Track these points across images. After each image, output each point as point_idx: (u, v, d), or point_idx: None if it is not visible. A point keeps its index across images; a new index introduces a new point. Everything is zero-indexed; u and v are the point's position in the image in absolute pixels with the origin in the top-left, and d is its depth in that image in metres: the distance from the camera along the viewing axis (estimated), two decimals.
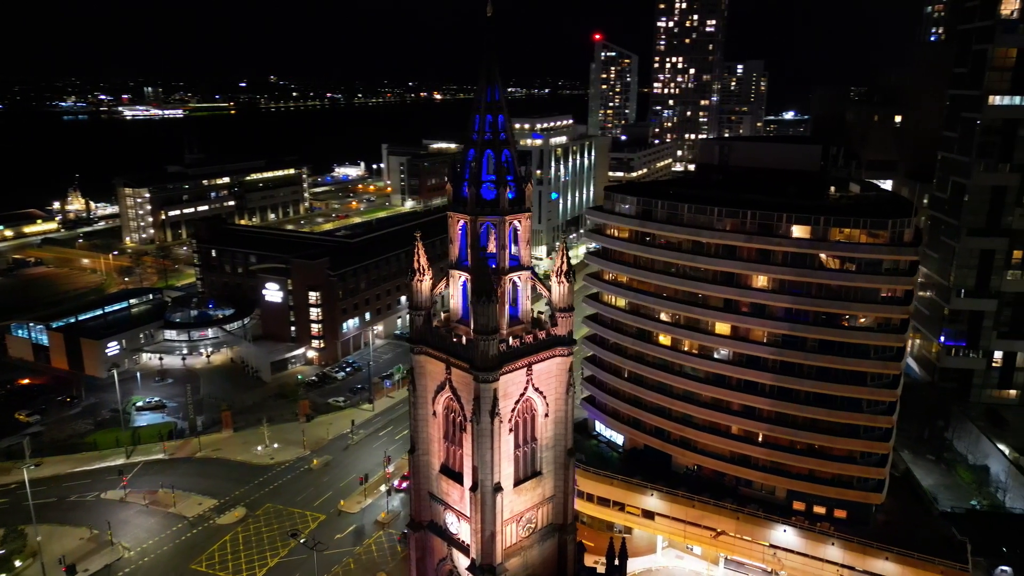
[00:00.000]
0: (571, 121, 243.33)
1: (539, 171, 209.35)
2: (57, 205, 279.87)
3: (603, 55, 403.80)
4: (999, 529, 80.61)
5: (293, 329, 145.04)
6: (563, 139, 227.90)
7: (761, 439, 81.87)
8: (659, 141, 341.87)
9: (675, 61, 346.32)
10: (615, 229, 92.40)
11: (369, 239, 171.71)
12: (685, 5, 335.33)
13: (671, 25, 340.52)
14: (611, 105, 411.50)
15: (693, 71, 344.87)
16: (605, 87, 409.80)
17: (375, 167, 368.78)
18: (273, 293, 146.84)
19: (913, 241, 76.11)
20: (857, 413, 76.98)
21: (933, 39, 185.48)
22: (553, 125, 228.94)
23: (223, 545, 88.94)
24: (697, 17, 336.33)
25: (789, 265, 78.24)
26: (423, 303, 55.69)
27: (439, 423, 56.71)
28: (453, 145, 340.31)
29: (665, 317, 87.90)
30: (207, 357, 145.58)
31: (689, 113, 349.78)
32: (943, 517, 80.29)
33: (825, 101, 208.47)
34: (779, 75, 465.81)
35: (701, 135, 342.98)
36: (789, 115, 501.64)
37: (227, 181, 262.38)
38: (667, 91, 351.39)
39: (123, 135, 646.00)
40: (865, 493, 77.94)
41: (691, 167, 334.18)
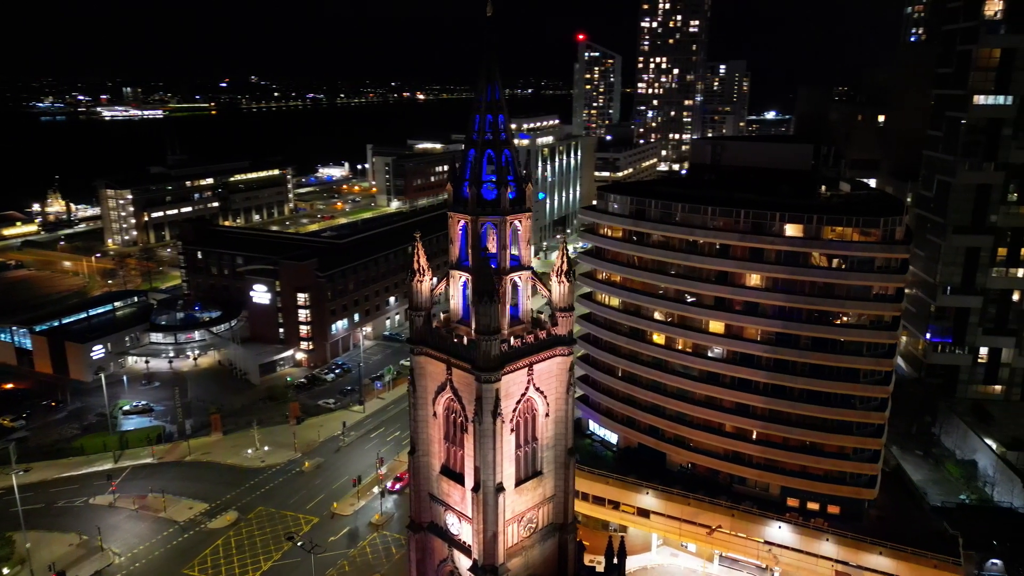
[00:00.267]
0: (557, 121, 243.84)
1: (525, 171, 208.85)
2: (37, 207, 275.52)
3: (587, 55, 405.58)
4: (988, 523, 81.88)
5: (281, 331, 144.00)
6: (549, 139, 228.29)
7: (755, 436, 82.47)
8: (644, 141, 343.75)
9: (659, 61, 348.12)
10: (608, 228, 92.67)
11: (357, 240, 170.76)
12: (668, 6, 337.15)
13: (655, 25, 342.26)
14: (595, 105, 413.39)
15: (677, 71, 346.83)
16: (589, 87, 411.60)
17: (359, 167, 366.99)
18: (261, 295, 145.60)
19: (904, 239, 77.08)
20: (850, 410, 77.73)
21: (914, 39, 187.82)
22: (539, 125, 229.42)
23: (215, 549, 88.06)
24: (680, 18, 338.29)
25: (782, 263, 78.92)
26: (423, 303, 55.38)
27: (440, 424, 56.48)
28: (438, 145, 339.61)
29: (659, 316, 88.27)
30: (194, 360, 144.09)
31: (673, 113, 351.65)
32: (934, 512, 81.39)
33: (809, 100, 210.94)
34: (761, 75, 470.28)
35: (685, 135, 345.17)
36: (771, 115, 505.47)
37: (211, 182, 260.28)
38: (651, 91, 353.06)
39: (102, 136, 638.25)
40: (858, 489, 78.80)
41: (676, 167, 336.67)
